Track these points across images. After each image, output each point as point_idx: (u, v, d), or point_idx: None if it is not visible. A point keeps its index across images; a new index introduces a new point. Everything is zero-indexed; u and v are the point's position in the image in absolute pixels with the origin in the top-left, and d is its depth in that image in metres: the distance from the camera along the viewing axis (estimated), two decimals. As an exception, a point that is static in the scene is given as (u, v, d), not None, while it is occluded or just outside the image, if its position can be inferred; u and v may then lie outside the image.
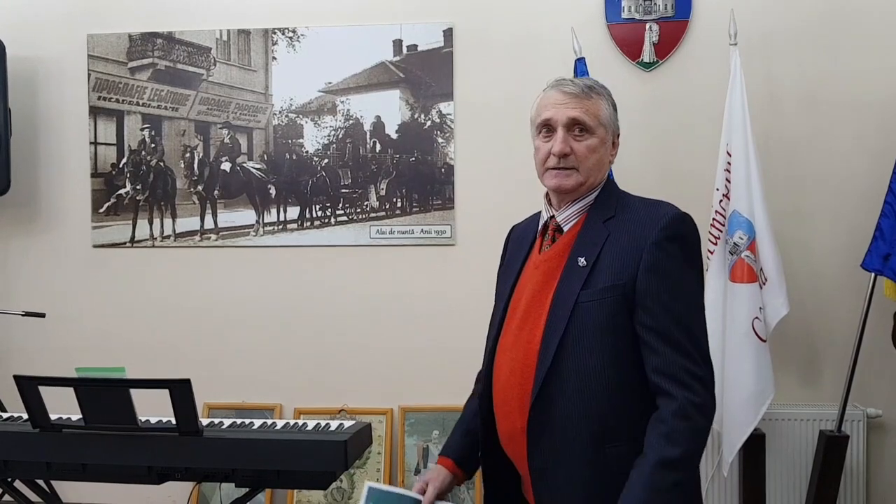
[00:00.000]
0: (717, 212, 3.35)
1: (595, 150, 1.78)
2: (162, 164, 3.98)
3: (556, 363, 1.69)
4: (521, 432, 1.75)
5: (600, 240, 1.73)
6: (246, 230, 3.94)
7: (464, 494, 3.65)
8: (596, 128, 1.78)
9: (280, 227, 3.92)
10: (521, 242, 1.95)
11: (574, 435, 1.68)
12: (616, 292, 1.67)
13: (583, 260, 1.73)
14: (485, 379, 1.88)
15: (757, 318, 3.22)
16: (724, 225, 3.31)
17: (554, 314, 1.72)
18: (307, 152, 3.90)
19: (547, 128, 1.80)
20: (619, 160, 1.95)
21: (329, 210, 3.89)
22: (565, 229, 1.81)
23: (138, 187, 4.00)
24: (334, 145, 3.89)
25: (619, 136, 1.86)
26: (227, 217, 3.95)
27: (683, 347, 1.64)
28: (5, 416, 2.45)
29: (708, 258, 3.35)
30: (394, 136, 3.85)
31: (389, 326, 3.81)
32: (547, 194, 1.87)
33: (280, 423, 2.28)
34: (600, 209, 1.79)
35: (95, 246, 4.01)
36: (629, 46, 3.67)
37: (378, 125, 3.85)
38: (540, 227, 1.89)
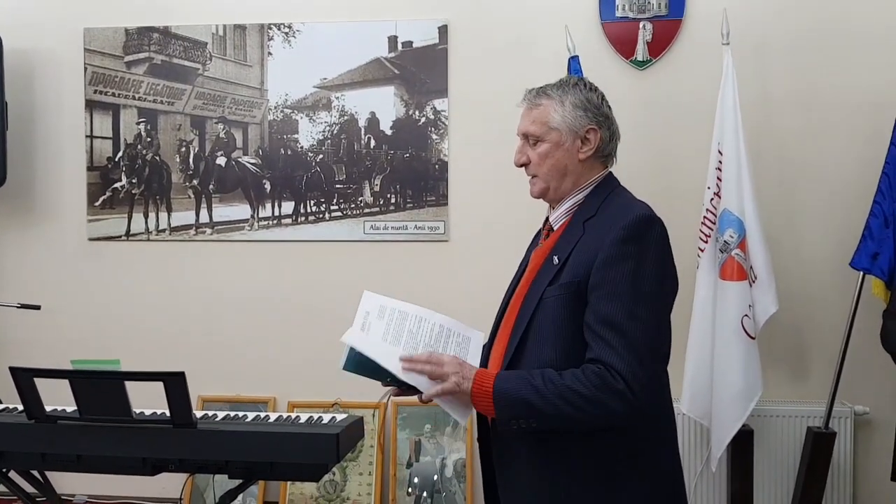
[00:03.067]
0: (707, 210, 3.37)
1: (547, 154, 1.83)
2: (157, 158, 4.00)
3: (518, 355, 1.76)
4: (491, 421, 1.83)
5: (575, 239, 1.78)
6: (241, 225, 3.96)
7: (455, 487, 3.68)
8: (545, 134, 1.83)
9: (274, 221, 3.94)
10: (538, 237, 2.01)
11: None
12: (572, 288, 1.71)
13: (556, 258, 1.78)
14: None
15: (746, 315, 3.25)
16: (714, 223, 3.34)
17: (523, 309, 1.80)
18: (302, 148, 3.92)
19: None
20: (609, 157, 1.95)
21: (323, 205, 3.91)
22: (555, 228, 1.87)
23: (134, 181, 4.01)
24: (329, 141, 3.91)
25: (591, 129, 1.84)
26: (222, 211, 3.97)
27: (608, 342, 1.64)
28: (0, 407, 2.46)
29: (698, 256, 3.38)
30: (388, 132, 3.87)
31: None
32: None
33: (273, 416, 2.30)
34: (585, 209, 1.82)
35: (91, 239, 4.03)
36: (623, 45, 3.69)
37: (373, 121, 3.88)
38: (543, 225, 1.96)
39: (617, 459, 1.71)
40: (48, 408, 2.21)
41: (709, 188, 3.38)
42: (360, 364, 1.81)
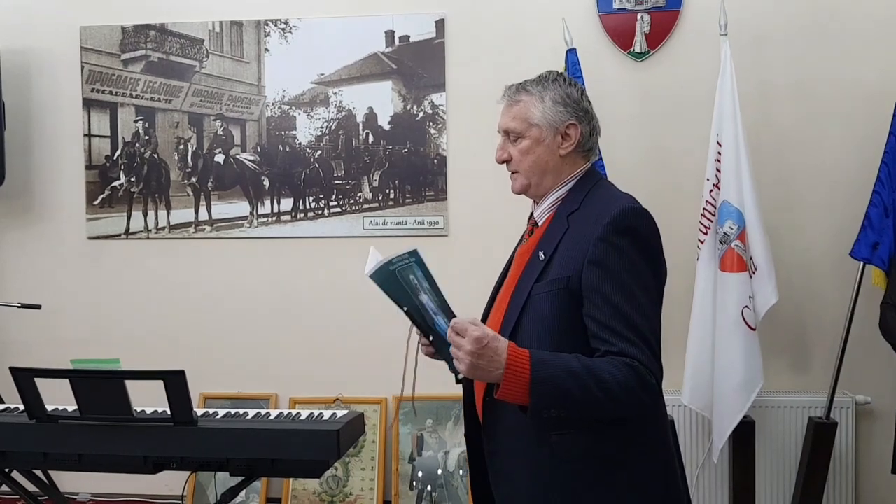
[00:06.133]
0: (707, 202, 3.37)
1: (528, 150, 1.82)
2: (156, 155, 4.00)
3: None
4: (481, 416, 1.83)
5: (560, 234, 1.77)
6: (240, 222, 3.96)
7: (457, 481, 3.68)
8: (526, 130, 1.82)
9: (274, 218, 3.94)
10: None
11: (521, 421, 1.70)
12: (561, 284, 1.70)
13: (542, 254, 1.77)
14: None
15: (746, 306, 3.25)
16: (714, 215, 3.34)
17: (511, 306, 1.78)
18: (300, 144, 3.92)
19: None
20: (609, 150, 1.95)
21: (322, 201, 3.91)
22: (540, 224, 1.86)
23: (132, 179, 4.01)
24: (327, 137, 3.90)
25: (572, 125, 1.82)
26: (221, 209, 3.97)
27: (627, 338, 1.63)
28: (2, 407, 2.47)
29: (698, 248, 3.38)
30: (386, 127, 3.86)
31: (384, 317, 3.80)
32: None
33: (274, 413, 2.30)
34: (568, 203, 1.82)
35: (90, 238, 4.03)
36: (620, 37, 3.68)
37: (371, 116, 3.87)
38: (528, 220, 1.94)
39: (611, 452, 1.71)
40: (49, 407, 2.21)
41: (708, 180, 3.38)
42: (389, 278, 1.73)
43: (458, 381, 1.91)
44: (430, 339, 1.75)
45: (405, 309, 1.74)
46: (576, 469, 1.71)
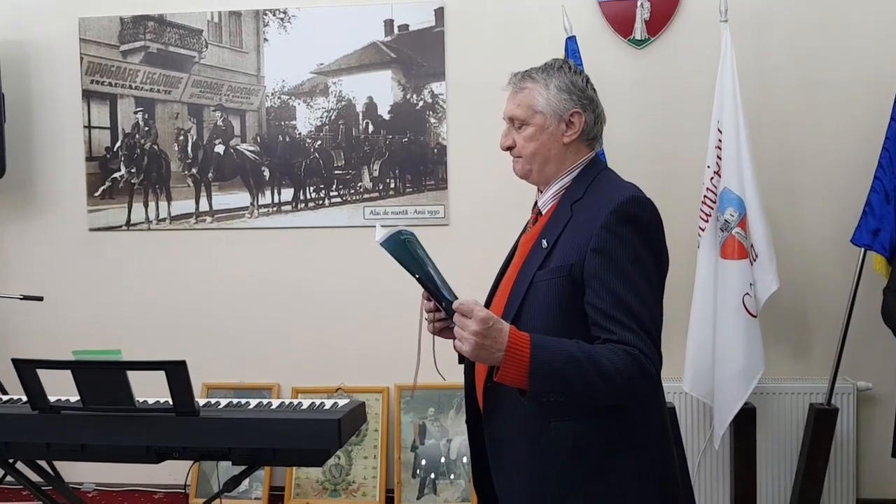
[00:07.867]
0: (708, 189, 3.36)
1: (532, 138, 1.82)
2: (156, 147, 4.00)
3: None
4: (482, 403, 1.84)
5: (563, 222, 1.77)
6: (240, 212, 3.96)
7: (459, 469, 3.69)
8: (530, 117, 1.82)
9: (274, 209, 3.94)
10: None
11: (521, 409, 1.71)
12: (563, 272, 1.70)
13: (545, 242, 1.77)
14: None
15: (747, 293, 3.25)
16: (714, 202, 3.34)
17: (513, 294, 1.79)
18: (300, 134, 3.91)
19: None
20: (609, 137, 1.94)
21: (323, 191, 3.91)
22: (543, 212, 1.87)
23: (133, 170, 4.01)
24: (327, 127, 3.90)
25: (576, 112, 1.81)
26: (222, 199, 3.97)
27: (628, 326, 1.63)
28: (5, 398, 2.48)
29: (699, 235, 3.37)
30: (386, 116, 3.86)
31: (385, 306, 3.84)
32: None
33: (275, 403, 2.31)
34: (572, 192, 1.81)
35: (91, 229, 4.04)
36: (620, 24, 3.67)
37: (370, 106, 3.86)
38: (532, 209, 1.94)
39: (610, 441, 1.72)
40: (52, 398, 2.22)
41: (708, 167, 3.37)
42: (400, 246, 1.73)
43: (460, 361, 1.92)
44: (444, 305, 1.75)
45: (417, 276, 1.74)
46: (575, 456, 1.71)
